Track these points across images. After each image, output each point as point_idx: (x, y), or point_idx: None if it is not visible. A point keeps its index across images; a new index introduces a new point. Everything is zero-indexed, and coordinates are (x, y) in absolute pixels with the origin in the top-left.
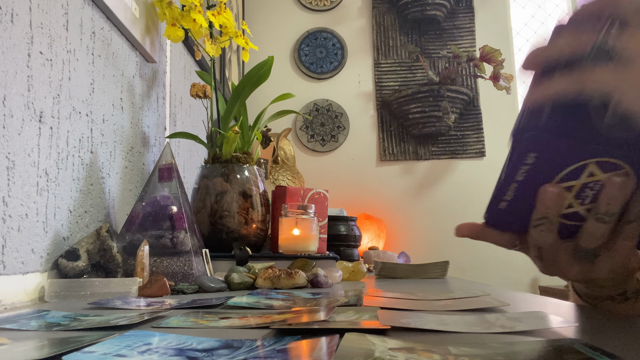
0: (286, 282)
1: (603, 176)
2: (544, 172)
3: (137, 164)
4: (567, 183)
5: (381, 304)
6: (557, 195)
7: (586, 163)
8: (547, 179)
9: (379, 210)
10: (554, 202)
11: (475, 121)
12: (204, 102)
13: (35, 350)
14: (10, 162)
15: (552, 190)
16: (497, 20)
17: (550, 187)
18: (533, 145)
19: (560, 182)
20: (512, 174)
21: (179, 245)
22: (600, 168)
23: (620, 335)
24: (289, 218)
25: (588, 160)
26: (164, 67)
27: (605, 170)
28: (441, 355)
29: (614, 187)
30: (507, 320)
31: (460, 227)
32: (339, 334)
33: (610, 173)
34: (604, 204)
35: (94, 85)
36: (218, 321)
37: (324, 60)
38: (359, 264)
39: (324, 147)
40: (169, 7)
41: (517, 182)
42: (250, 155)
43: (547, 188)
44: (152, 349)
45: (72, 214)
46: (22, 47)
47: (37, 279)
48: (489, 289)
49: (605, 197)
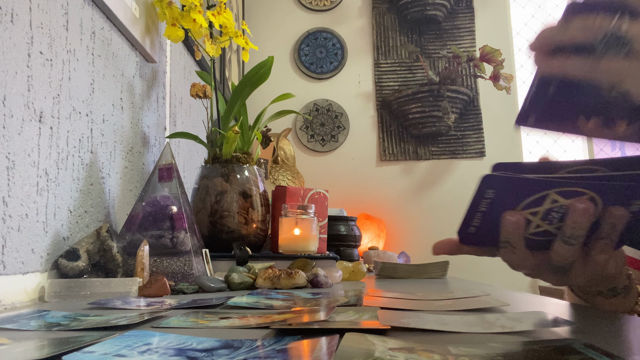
0: (286, 282)
1: (566, 202)
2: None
3: (137, 164)
4: (530, 210)
5: (381, 304)
6: (516, 223)
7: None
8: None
9: (379, 210)
10: (513, 228)
11: (475, 121)
12: (204, 102)
13: (35, 350)
14: (10, 162)
15: (510, 218)
16: (497, 20)
17: (509, 215)
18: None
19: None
20: (475, 205)
21: (179, 245)
22: (561, 196)
23: (619, 335)
24: (289, 218)
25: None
26: (164, 67)
27: (567, 197)
28: (441, 355)
29: (577, 213)
30: (507, 320)
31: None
32: (339, 334)
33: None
34: (569, 228)
35: (94, 85)
36: (218, 321)
37: (324, 60)
38: (359, 264)
39: (324, 147)
40: (169, 7)
41: (481, 212)
42: (250, 155)
43: (506, 216)
44: (152, 349)
45: (72, 214)
46: (22, 47)
47: (37, 279)
48: (489, 289)
49: (570, 222)
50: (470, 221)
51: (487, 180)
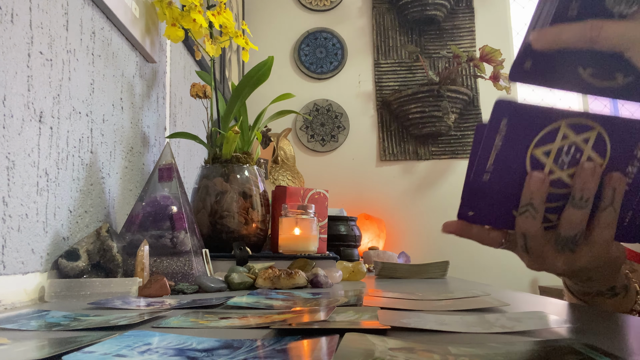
0: (286, 282)
1: (576, 138)
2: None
3: (137, 164)
4: (544, 147)
5: (381, 304)
6: (542, 180)
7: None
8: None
9: (379, 210)
10: (538, 188)
11: (475, 121)
12: (204, 102)
13: (35, 350)
14: (10, 162)
15: (537, 175)
16: (497, 20)
17: (536, 172)
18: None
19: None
20: (489, 142)
21: (179, 245)
22: (572, 130)
23: (619, 335)
24: (289, 218)
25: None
26: (164, 67)
27: (577, 132)
28: (441, 355)
29: (586, 172)
30: (507, 320)
31: (446, 224)
32: (339, 334)
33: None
34: (578, 190)
35: (94, 85)
36: (218, 321)
37: (324, 60)
38: (359, 264)
39: (324, 147)
40: (169, 7)
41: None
42: (250, 155)
43: (533, 173)
44: (152, 349)
45: (72, 214)
46: (22, 47)
47: (37, 279)
48: (489, 289)
49: (579, 183)
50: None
51: (500, 106)
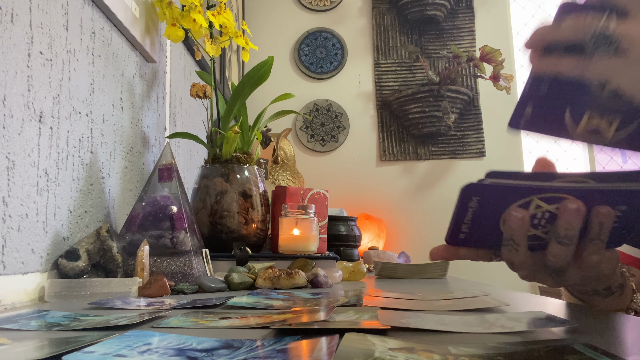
0: (286, 282)
1: (550, 207)
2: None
3: (137, 164)
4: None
5: (381, 304)
6: (521, 219)
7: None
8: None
9: (379, 210)
10: (518, 225)
11: (475, 121)
12: (204, 102)
13: (35, 350)
14: (10, 162)
15: (515, 214)
16: (497, 20)
17: (514, 211)
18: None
19: None
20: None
21: (179, 245)
22: (544, 201)
23: (619, 334)
24: (289, 218)
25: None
26: (164, 67)
27: (550, 203)
28: (441, 355)
29: (570, 213)
30: (507, 320)
31: (433, 250)
32: (339, 334)
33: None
34: (562, 229)
35: (94, 85)
36: (218, 321)
37: (324, 60)
38: (359, 264)
39: (324, 147)
40: (169, 7)
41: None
42: (250, 155)
43: (511, 212)
44: (152, 349)
45: (72, 214)
46: (22, 47)
47: (37, 279)
48: (489, 289)
49: (563, 223)
50: (459, 230)
51: (468, 189)
